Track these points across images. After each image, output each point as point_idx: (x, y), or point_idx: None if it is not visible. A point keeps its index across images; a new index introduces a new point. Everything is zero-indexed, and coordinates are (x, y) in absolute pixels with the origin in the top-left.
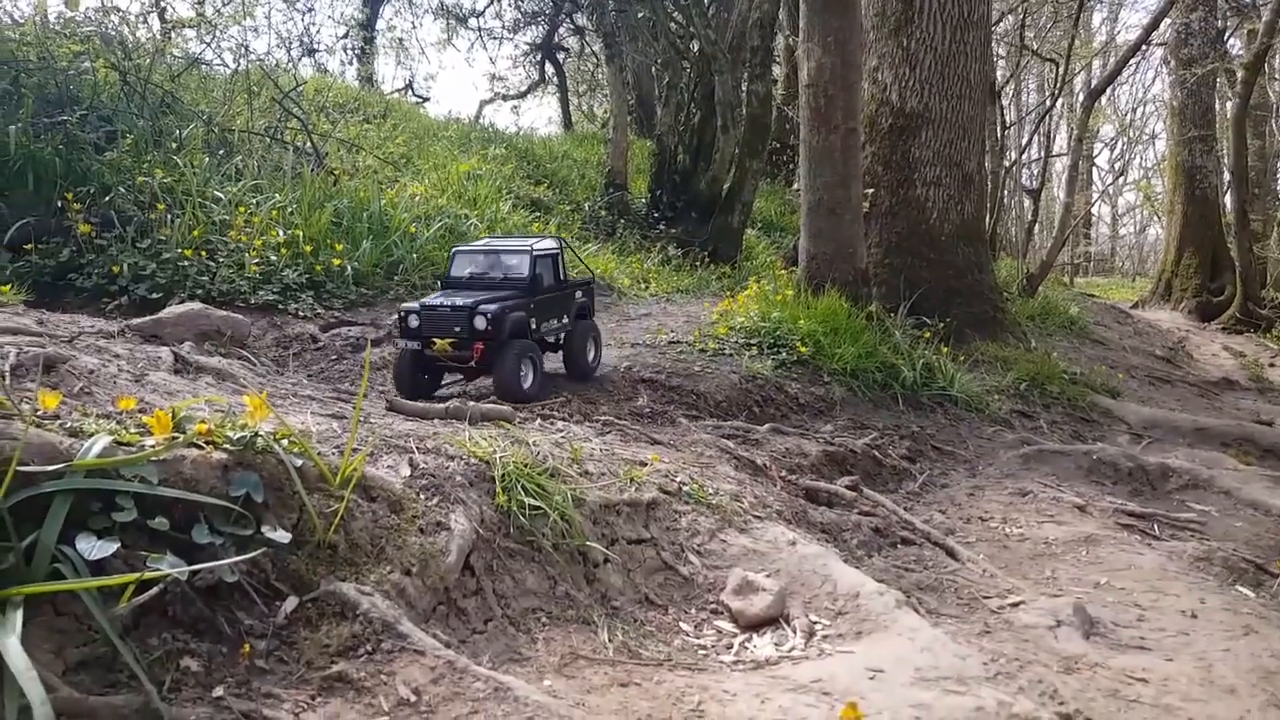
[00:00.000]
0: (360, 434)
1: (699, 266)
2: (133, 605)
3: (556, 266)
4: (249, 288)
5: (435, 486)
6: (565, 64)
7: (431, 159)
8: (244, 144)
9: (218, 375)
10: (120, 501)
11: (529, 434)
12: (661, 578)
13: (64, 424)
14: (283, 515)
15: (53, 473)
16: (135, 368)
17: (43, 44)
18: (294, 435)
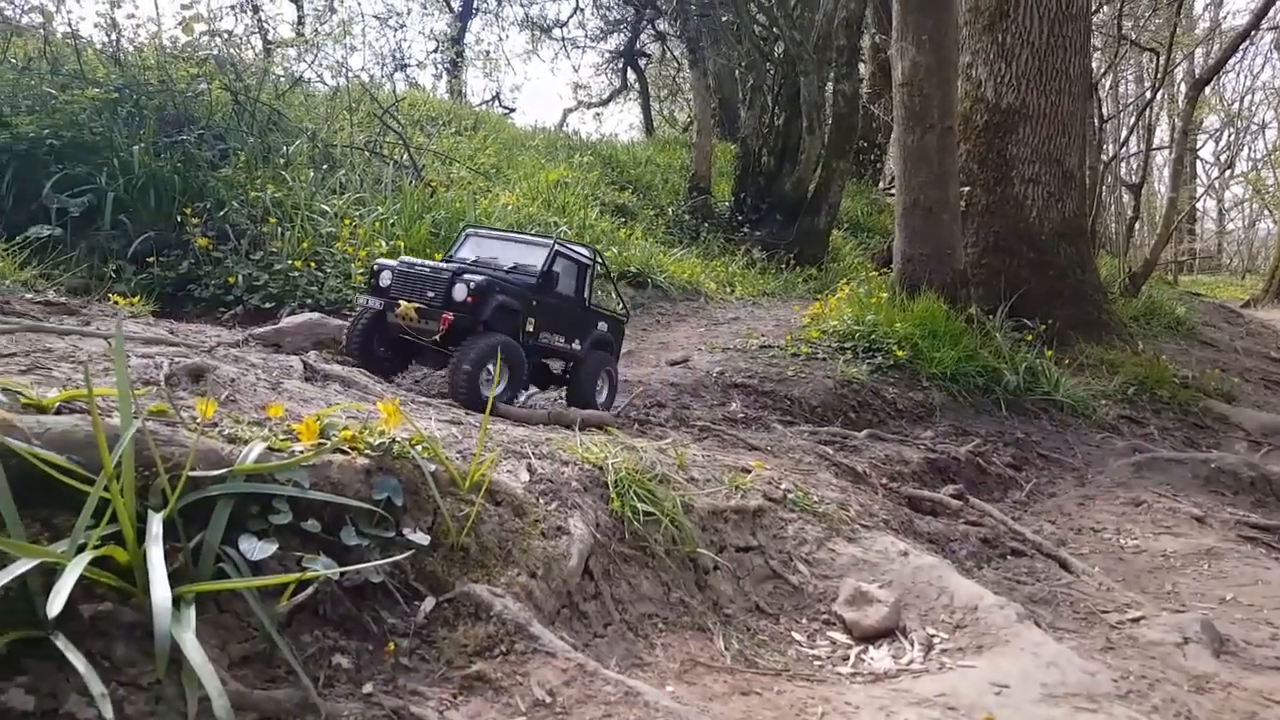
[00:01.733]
0: (476, 439)
1: (784, 269)
2: (291, 604)
3: (581, 279)
4: (354, 296)
5: (553, 491)
6: (646, 70)
7: (520, 168)
8: (346, 158)
9: (343, 383)
10: (277, 505)
11: (633, 440)
12: (771, 586)
13: (221, 431)
14: (419, 518)
15: (216, 477)
16: (270, 376)
17: (162, 68)
18: (427, 441)
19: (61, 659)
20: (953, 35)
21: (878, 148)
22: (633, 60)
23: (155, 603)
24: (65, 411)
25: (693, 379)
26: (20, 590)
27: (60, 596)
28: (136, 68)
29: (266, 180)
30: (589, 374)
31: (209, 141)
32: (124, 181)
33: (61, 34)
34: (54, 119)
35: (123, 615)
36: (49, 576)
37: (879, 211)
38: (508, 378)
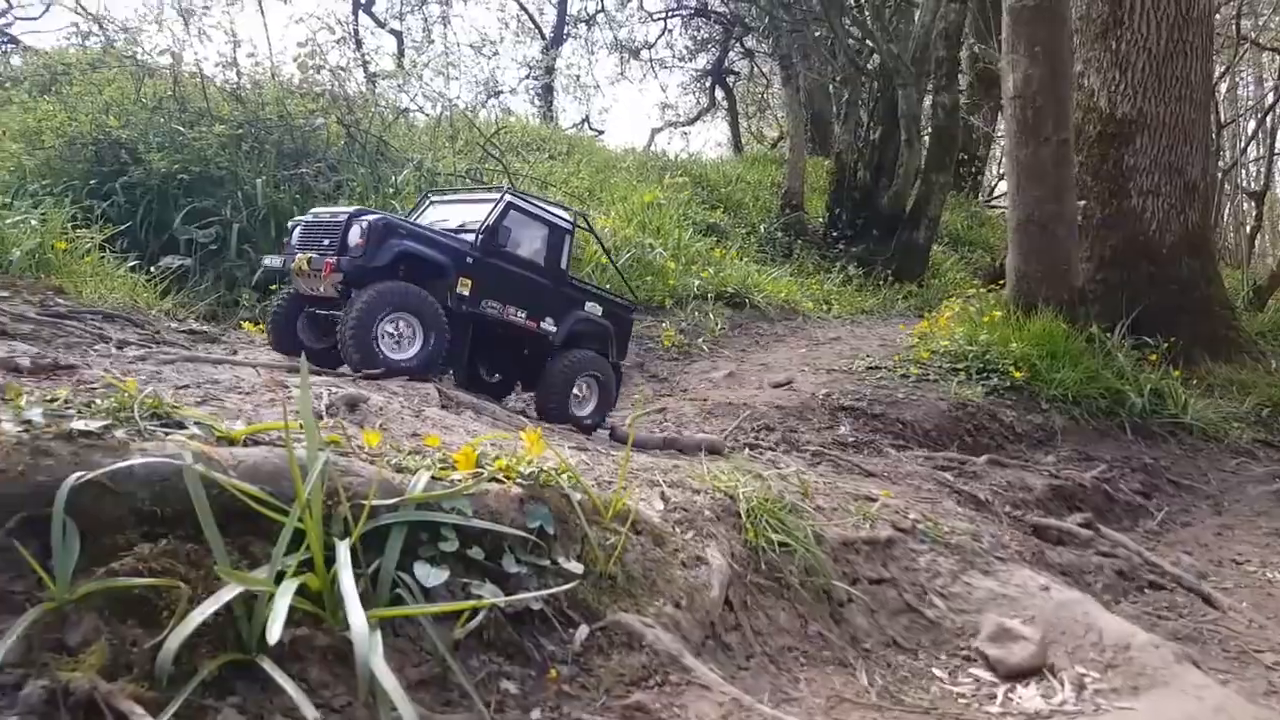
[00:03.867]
0: (606, 466)
1: (882, 286)
2: (466, 630)
3: (556, 246)
4: None
5: (688, 520)
6: (735, 87)
7: (613, 191)
8: (449, 186)
9: (475, 410)
10: (444, 533)
11: (755, 466)
12: (906, 620)
13: (388, 460)
14: (569, 546)
15: (389, 506)
16: (412, 404)
17: (280, 103)
18: (571, 470)
19: (266, 681)
20: (1067, 46)
21: (978, 159)
22: (721, 78)
23: (354, 630)
24: (251, 443)
25: (798, 401)
26: (226, 614)
27: (277, 623)
28: (256, 104)
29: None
30: (564, 372)
31: (325, 174)
32: (247, 213)
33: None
34: (183, 155)
35: (316, 639)
36: (251, 602)
37: (980, 224)
38: (420, 339)
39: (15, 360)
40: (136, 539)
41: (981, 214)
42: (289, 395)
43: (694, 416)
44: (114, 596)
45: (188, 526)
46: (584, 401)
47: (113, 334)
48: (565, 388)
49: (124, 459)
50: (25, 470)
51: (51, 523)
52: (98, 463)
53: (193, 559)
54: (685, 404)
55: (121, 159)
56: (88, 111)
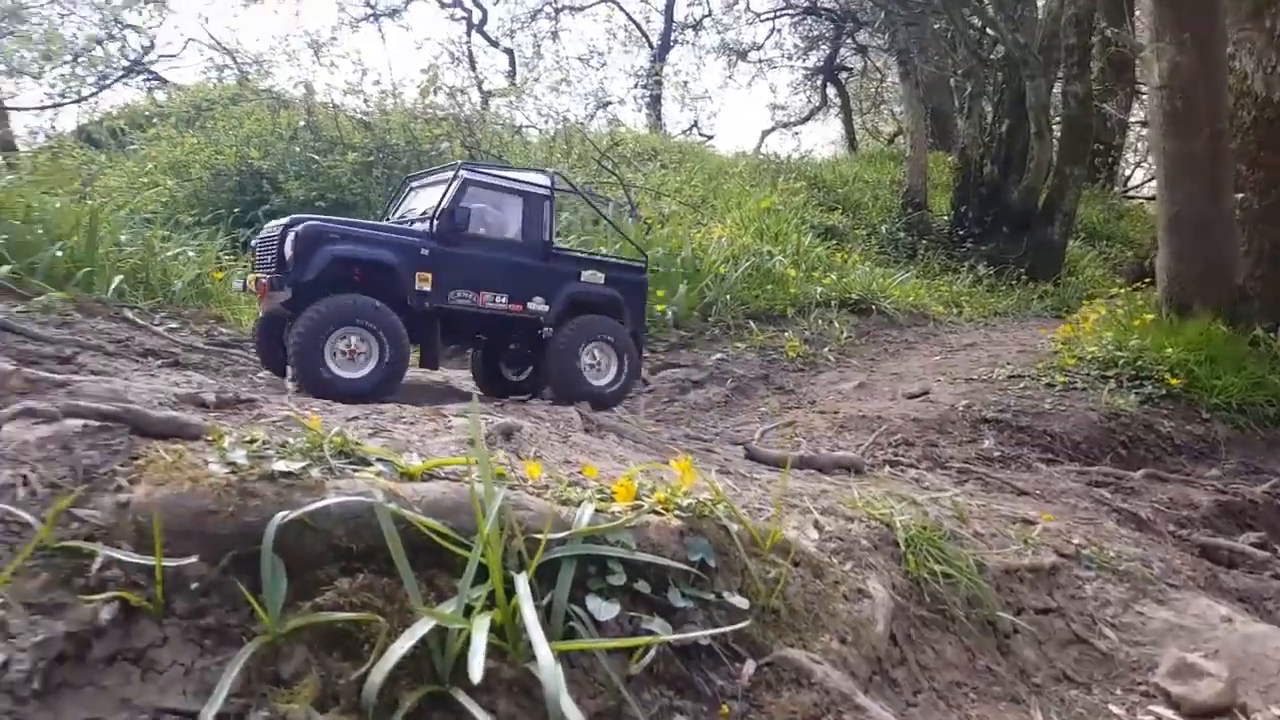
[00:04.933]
0: (754, 492)
1: (1015, 286)
2: (641, 665)
3: (532, 218)
4: None
5: (845, 550)
6: (847, 84)
7: (726, 197)
8: (564, 200)
9: (617, 433)
10: (611, 566)
11: (902, 487)
12: (1076, 652)
13: (553, 492)
14: (729, 579)
15: (559, 540)
16: (558, 430)
17: (406, 129)
18: (728, 502)
19: (461, 713)
20: (1220, 31)
21: (1113, 148)
22: (833, 75)
23: (543, 666)
24: (428, 478)
25: (936, 413)
26: (420, 646)
27: (478, 661)
28: (383, 130)
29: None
30: (566, 341)
31: None
32: None
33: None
34: (319, 182)
35: (502, 671)
36: (443, 634)
37: (1118, 217)
38: (375, 354)
39: (201, 396)
40: (335, 574)
41: (1119, 206)
42: (449, 424)
43: (825, 431)
44: (320, 630)
45: (380, 561)
46: (601, 370)
47: None
48: (570, 359)
49: (321, 498)
50: (235, 511)
51: (261, 560)
52: (298, 502)
53: (387, 593)
54: (815, 417)
55: (263, 188)
56: (230, 144)
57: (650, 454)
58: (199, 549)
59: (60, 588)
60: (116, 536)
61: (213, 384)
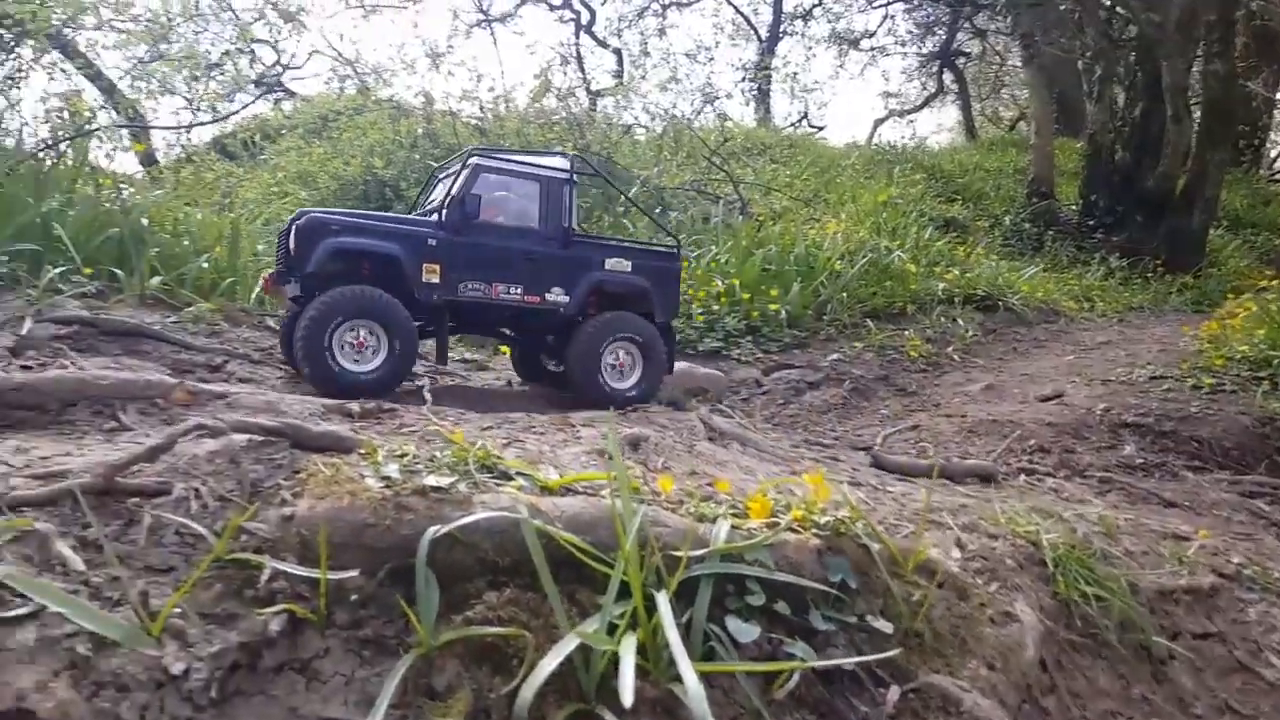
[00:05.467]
0: (888, 506)
1: (1151, 278)
2: (785, 691)
3: (551, 204)
4: (696, 336)
5: (989, 570)
6: (965, 69)
7: (839, 191)
8: (674, 199)
9: (741, 441)
10: (750, 586)
11: (1042, 499)
12: (1239, 681)
13: (686, 508)
14: (870, 601)
15: (696, 558)
16: (682, 438)
17: (521, 134)
18: (866, 520)
19: None
20: None
21: (1259, 129)
22: (949, 61)
23: (689, 688)
24: (566, 492)
25: (1072, 417)
26: (566, 663)
27: (628, 684)
28: (497, 135)
29: (609, 228)
30: (588, 340)
31: None
32: None
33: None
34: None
35: (645, 691)
36: (588, 651)
37: (1264, 203)
38: (385, 348)
39: (346, 406)
40: (483, 587)
41: (1266, 190)
42: (577, 435)
43: (952, 436)
44: (470, 643)
45: (524, 575)
46: (625, 372)
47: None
48: (592, 359)
49: (469, 512)
50: (391, 524)
51: (415, 573)
52: (447, 516)
53: (532, 607)
54: (940, 421)
55: (386, 195)
56: (355, 154)
57: (777, 464)
58: (357, 561)
59: (232, 599)
60: (282, 549)
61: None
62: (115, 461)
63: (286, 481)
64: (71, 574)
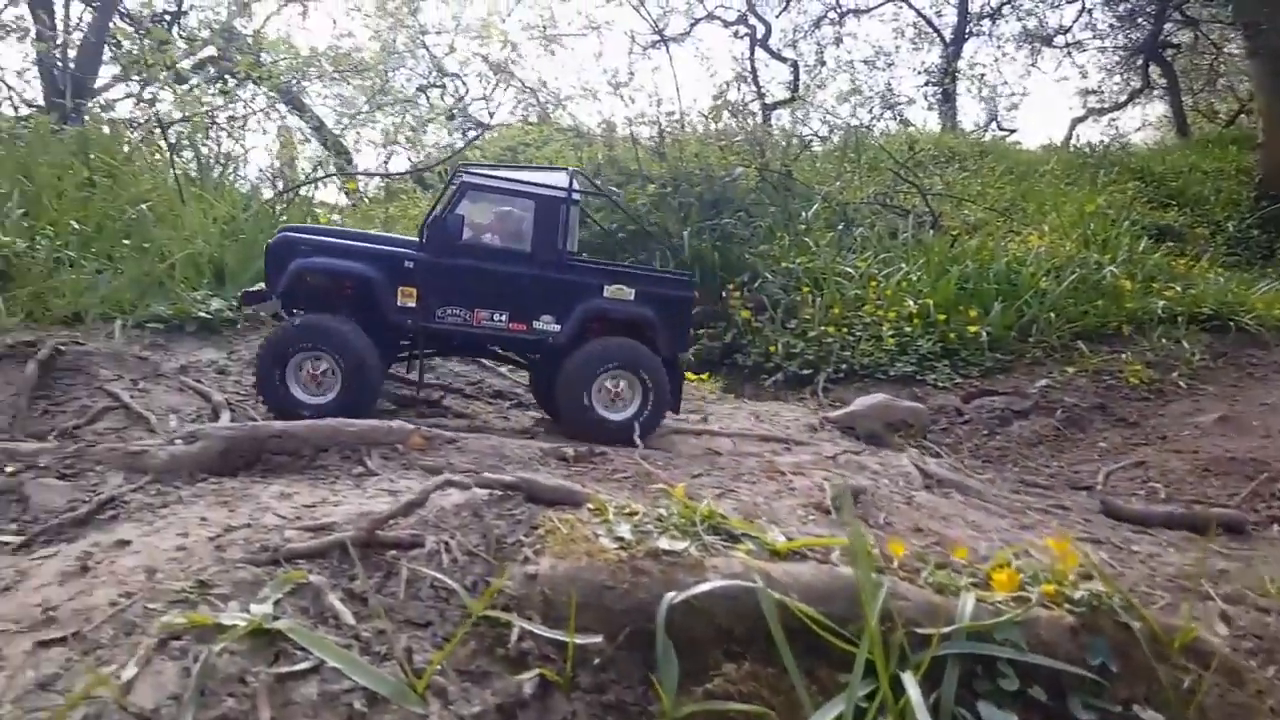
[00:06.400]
0: (1136, 570)
1: None
2: None
3: (546, 225)
4: (887, 360)
5: (1264, 651)
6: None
7: (1038, 199)
8: (858, 214)
9: (960, 489)
10: (1001, 668)
11: None
12: None
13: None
14: (1134, 686)
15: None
16: (897, 487)
17: (700, 157)
18: (1124, 594)
19: None
20: None
21: None
22: (1156, 54)
23: None
24: (795, 557)
25: None
26: None
27: None
28: (675, 159)
29: (790, 247)
30: (577, 368)
31: (743, 219)
32: (675, 263)
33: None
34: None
35: None
36: None
37: None
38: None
39: (562, 450)
40: (720, 658)
41: None
42: (790, 485)
43: (1185, 475)
44: (711, 716)
45: (761, 646)
46: (620, 402)
47: None
48: (579, 387)
49: (702, 578)
50: (629, 588)
51: (652, 638)
52: (681, 581)
53: (772, 683)
54: (1169, 457)
55: None
56: None
57: (1003, 516)
58: (596, 622)
59: (485, 656)
60: (527, 607)
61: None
62: (376, 516)
63: (527, 538)
64: (343, 627)
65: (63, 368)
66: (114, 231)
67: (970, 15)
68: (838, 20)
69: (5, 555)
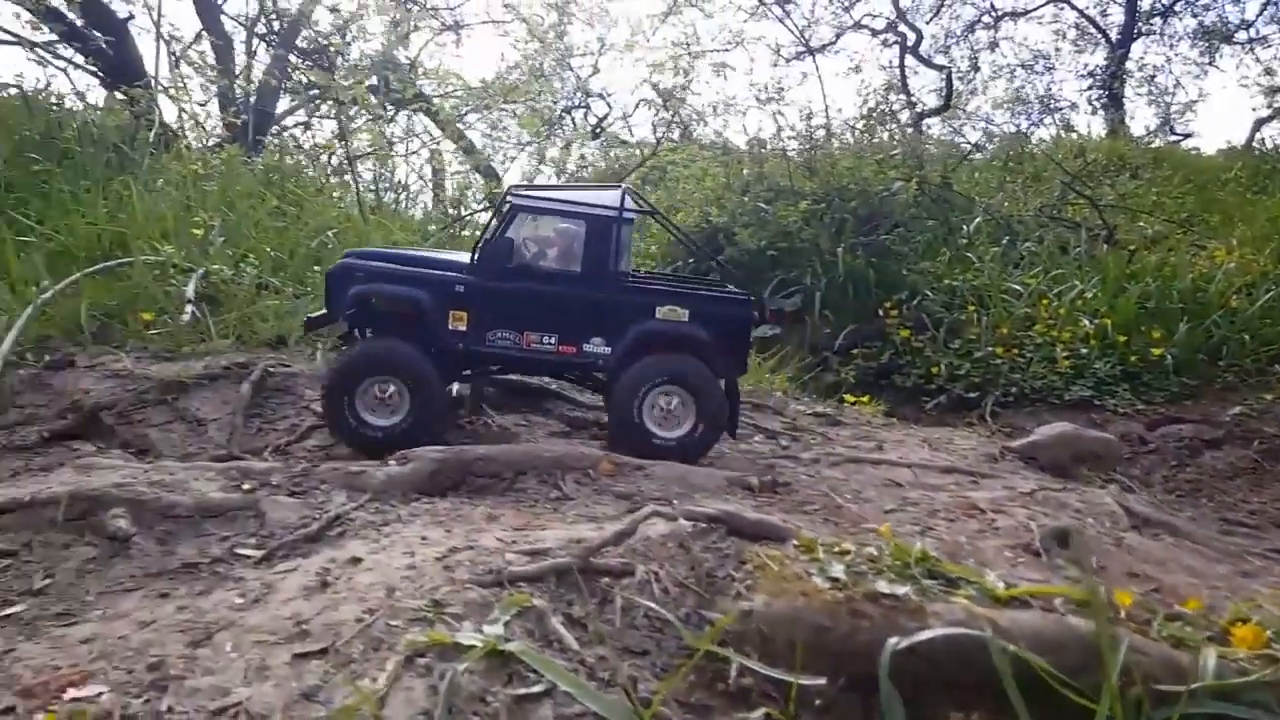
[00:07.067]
0: None
1: None
2: None
3: (599, 245)
4: (1061, 383)
5: None
6: None
7: (1222, 209)
8: (1023, 228)
9: (1170, 531)
10: None
11: None
12: None
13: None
14: None
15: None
16: (1104, 527)
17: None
18: None
19: None
20: None
21: None
22: None
23: None
24: (1015, 604)
25: None
26: None
27: None
28: (827, 173)
29: (950, 263)
30: (627, 386)
31: (901, 234)
32: (826, 280)
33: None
34: (767, 230)
35: None
36: None
37: None
38: (406, 403)
39: (746, 479)
40: (948, 707)
41: None
42: (993, 523)
43: None
44: None
45: (988, 697)
46: (674, 421)
47: (761, 422)
48: (630, 402)
49: (924, 623)
50: (848, 630)
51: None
52: (903, 625)
53: None
54: None
55: (718, 240)
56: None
57: (1219, 561)
58: (813, 662)
59: (704, 690)
60: (743, 642)
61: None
62: (590, 544)
63: (736, 573)
64: (568, 651)
65: (272, 388)
66: (304, 257)
67: (1139, 13)
68: (993, 24)
69: (249, 568)
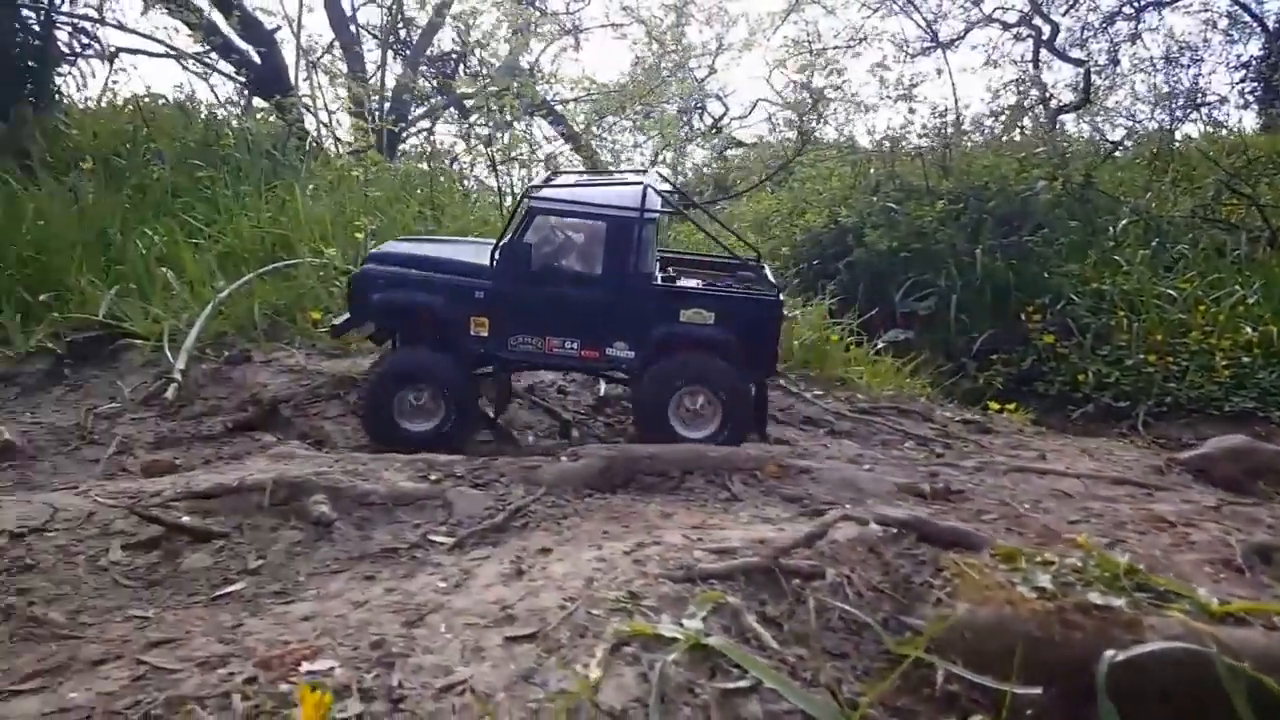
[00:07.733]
0: None
1: None
2: None
3: (620, 246)
4: (1221, 393)
5: None
6: None
7: None
8: (1174, 229)
9: None
10: None
11: None
12: None
13: None
14: None
15: None
16: None
17: (993, 169)
18: None
19: None
20: None
21: None
22: None
23: None
24: (1231, 620)
25: None
26: None
27: None
28: (963, 172)
29: (1095, 265)
30: (652, 386)
31: (1045, 236)
32: (962, 283)
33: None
34: (898, 232)
35: None
36: None
37: None
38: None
39: (918, 485)
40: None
41: None
42: (1187, 538)
43: None
44: None
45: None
46: (701, 421)
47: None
48: (656, 402)
49: (1139, 636)
50: (1059, 640)
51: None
52: (1118, 638)
53: None
54: None
55: (846, 241)
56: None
57: None
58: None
59: (909, 695)
60: (944, 649)
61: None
62: (780, 545)
63: (934, 579)
64: (766, 649)
65: None
66: None
67: None
68: (1135, 15)
69: (443, 554)
